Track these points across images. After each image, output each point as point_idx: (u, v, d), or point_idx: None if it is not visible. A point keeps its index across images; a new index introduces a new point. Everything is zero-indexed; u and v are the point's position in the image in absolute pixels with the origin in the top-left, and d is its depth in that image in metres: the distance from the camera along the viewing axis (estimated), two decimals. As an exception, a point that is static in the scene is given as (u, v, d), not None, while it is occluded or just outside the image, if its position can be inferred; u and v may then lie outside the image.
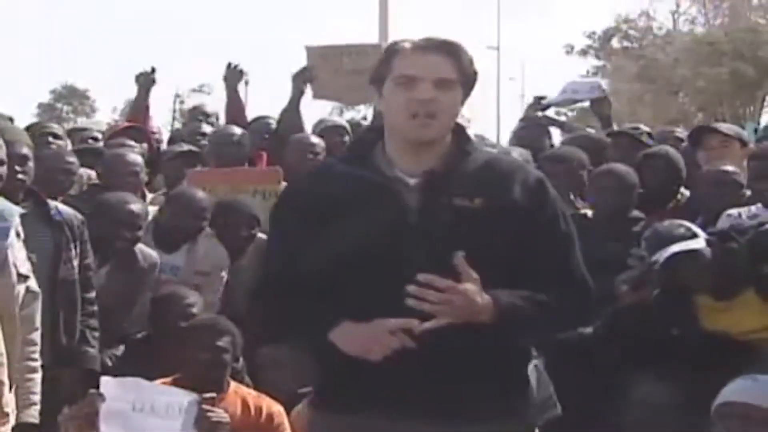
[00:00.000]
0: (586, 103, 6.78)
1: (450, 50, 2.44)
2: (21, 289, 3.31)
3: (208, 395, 3.21)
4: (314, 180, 2.59)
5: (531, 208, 2.44)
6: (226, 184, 5.01)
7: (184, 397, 3.15)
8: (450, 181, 2.41)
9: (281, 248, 2.53)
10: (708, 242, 3.80)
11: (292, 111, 5.85)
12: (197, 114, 6.71)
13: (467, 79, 2.47)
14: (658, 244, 3.79)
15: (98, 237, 4.01)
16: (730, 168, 4.45)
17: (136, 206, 4.19)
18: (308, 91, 5.90)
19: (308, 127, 5.95)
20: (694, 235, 3.80)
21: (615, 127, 6.14)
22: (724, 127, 5.24)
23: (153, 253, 4.27)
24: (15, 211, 3.34)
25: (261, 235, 4.52)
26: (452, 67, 2.42)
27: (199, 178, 5.05)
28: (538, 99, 6.59)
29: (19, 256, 3.33)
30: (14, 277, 3.28)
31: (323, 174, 2.60)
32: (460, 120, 2.54)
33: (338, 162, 2.60)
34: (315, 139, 5.44)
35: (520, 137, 5.88)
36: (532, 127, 5.99)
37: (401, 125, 2.43)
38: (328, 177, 2.52)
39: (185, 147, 5.54)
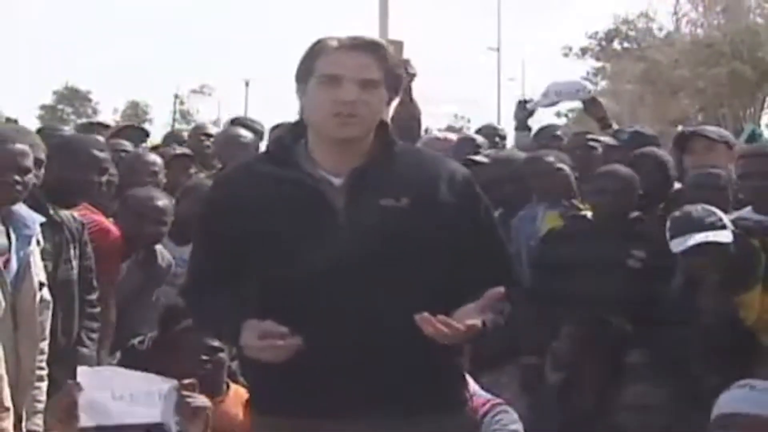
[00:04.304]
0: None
1: (376, 50, 2.39)
2: (39, 297, 3.29)
3: (186, 381, 3.17)
4: (238, 181, 2.49)
5: (458, 205, 2.40)
6: None
7: (163, 384, 3.12)
8: (375, 180, 2.37)
9: (207, 250, 2.51)
10: (734, 235, 3.76)
11: None
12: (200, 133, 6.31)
13: (392, 80, 2.41)
14: (685, 227, 3.75)
15: (126, 232, 4.03)
16: (715, 170, 4.44)
17: (162, 202, 4.18)
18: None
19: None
20: (724, 227, 3.76)
21: (615, 126, 6.13)
22: (708, 130, 5.22)
23: (168, 254, 4.27)
24: (37, 219, 3.33)
25: None
26: (378, 67, 2.37)
27: None
28: (523, 103, 6.51)
29: (39, 264, 3.32)
30: (36, 285, 3.27)
31: (246, 175, 2.50)
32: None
33: (259, 162, 2.52)
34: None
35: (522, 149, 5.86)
36: (541, 139, 5.97)
37: (322, 123, 2.37)
38: (252, 178, 2.45)
39: (178, 150, 5.54)
